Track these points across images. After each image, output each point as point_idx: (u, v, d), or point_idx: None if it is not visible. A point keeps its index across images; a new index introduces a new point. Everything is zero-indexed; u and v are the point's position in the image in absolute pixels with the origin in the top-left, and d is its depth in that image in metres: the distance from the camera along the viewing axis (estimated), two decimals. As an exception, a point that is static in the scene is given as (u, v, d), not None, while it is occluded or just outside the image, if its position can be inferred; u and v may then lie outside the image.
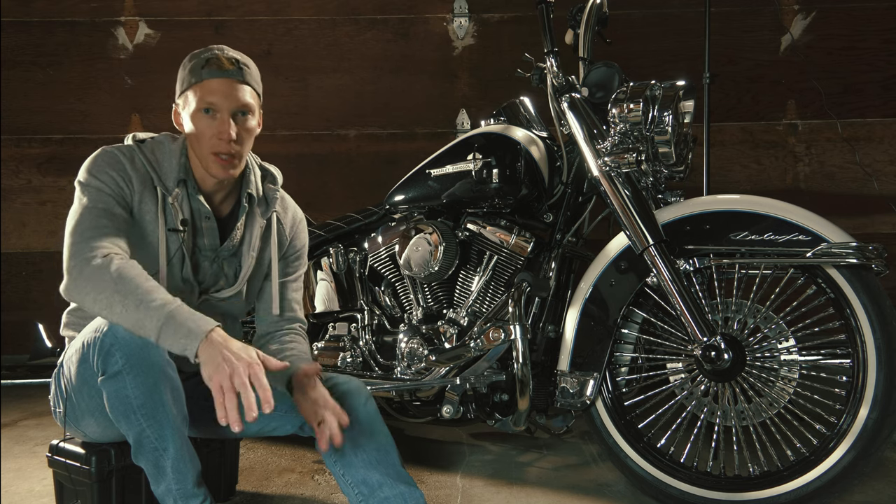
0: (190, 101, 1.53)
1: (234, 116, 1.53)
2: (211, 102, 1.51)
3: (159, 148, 1.59)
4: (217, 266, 1.64)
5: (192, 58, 1.55)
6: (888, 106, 3.50)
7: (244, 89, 1.54)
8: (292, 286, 1.78)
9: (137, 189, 1.52)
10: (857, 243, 1.58)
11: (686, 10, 3.49)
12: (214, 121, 1.52)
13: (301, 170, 3.60)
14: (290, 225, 1.77)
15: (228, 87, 1.52)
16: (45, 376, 1.62)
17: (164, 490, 1.40)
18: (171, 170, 1.56)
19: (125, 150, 1.54)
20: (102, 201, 1.47)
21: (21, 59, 3.62)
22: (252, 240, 1.65)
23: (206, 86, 1.51)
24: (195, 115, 1.52)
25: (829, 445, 1.62)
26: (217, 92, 1.51)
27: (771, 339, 1.72)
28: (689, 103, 1.90)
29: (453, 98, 3.64)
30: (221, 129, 1.51)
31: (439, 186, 2.10)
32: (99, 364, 1.37)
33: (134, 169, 1.52)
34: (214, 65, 1.51)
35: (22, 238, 3.66)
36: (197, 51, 1.56)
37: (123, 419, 1.38)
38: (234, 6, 3.63)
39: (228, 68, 1.52)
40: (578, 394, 1.83)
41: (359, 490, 1.53)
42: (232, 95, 1.52)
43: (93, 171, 1.49)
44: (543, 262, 1.99)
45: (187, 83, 1.53)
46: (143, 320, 1.32)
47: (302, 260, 1.81)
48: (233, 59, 1.54)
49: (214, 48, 1.55)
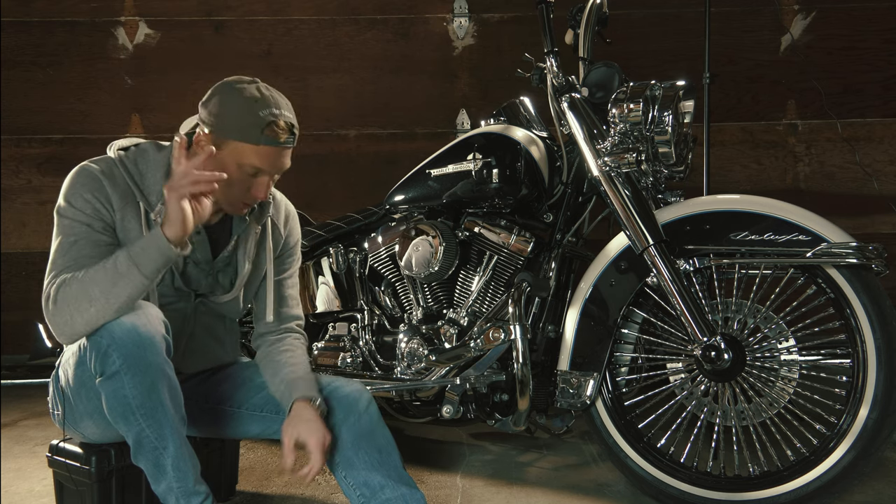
0: (234, 152, 1.47)
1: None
2: (260, 169, 1.49)
3: (143, 158, 1.54)
4: (213, 277, 1.62)
5: (244, 106, 1.45)
6: (888, 106, 3.50)
7: (290, 154, 1.54)
8: (288, 283, 1.77)
9: (118, 207, 1.48)
10: (857, 243, 1.58)
11: (686, 10, 3.49)
12: (255, 178, 1.51)
13: (301, 170, 3.56)
14: (284, 223, 1.75)
15: (280, 157, 1.51)
16: (45, 376, 1.62)
17: (164, 488, 1.41)
18: (156, 183, 1.51)
19: (104, 166, 1.50)
20: (75, 233, 1.44)
21: (21, 59, 3.62)
22: (248, 248, 1.64)
23: (261, 152, 1.47)
24: (236, 169, 1.48)
25: (829, 445, 1.62)
26: (269, 160, 1.49)
27: (771, 339, 1.72)
28: (689, 103, 1.90)
29: (453, 98, 3.64)
30: (259, 190, 1.52)
31: (439, 186, 2.10)
32: (96, 365, 1.37)
33: (114, 186, 1.48)
34: (273, 132, 1.46)
35: (22, 238, 3.66)
36: (248, 93, 1.46)
37: (122, 420, 1.37)
38: (234, 6, 3.63)
39: (286, 139, 1.49)
40: (578, 394, 1.83)
41: (360, 492, 1.53)
42: (280, 164, 1.52)
43: (68, 197, 1.46)
44: (543, 262, 1.99)
45: (236, 135, 1.46)
46: (116, 273, 1.34)
47: (296, 255, 1.80)
48: (290, 125, 1.50)
49: (270, 105, 1.47)
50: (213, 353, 1.72)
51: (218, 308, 1.66)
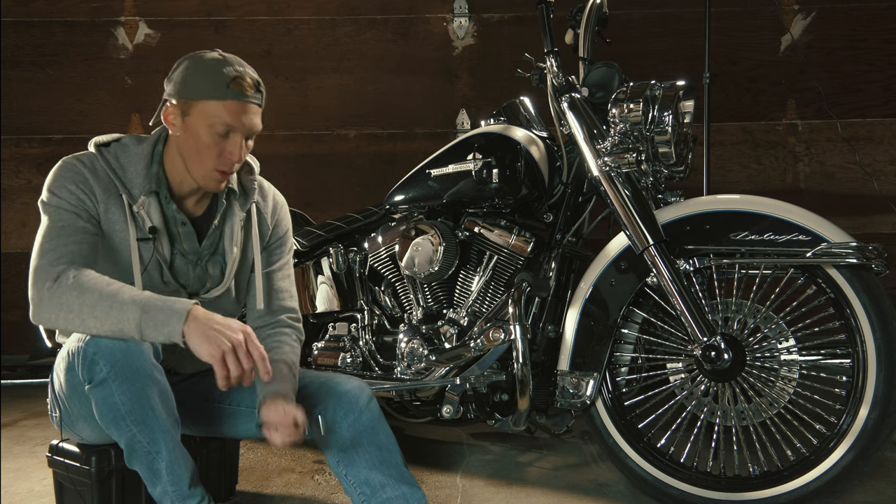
0: (202, 113, 1.47)
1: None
2: (230, 125, 1.47)
3: (124, 153, 1.54)
4: (201, 268, 1.61)
5: (208, 65, 1.47)
6: (888, 106, 3.50)
7: (259, 114, 1.53)
8: (279, 274, 1.73)
9: (101, 199, 1.47)
10: (857, 243, 1.58)
11: (686, 10, 3.49)
12: (226, 140, 1.48)
13: (301, 170, 3.60)
14: (272, 212, 1.72)
15: (249, 112, 1.49)
16: (44, 376, 1.62)
17: (160, 492, 1.40)
18: (137, 176, 1.51)
19: (86, 160, 1.50)
20: (62, 219, 1.43)
21: (21, 59, 3.62)
22: (233, 234, 1.62)
23: (229, 107, 1.46)
24: (206, 131, 1.47)
25: (829, 445, 1.62)
26: (238, 116, 1.47)
27: (771, 339, 1.72)
28: (689, 103, 1.90)
29: (453, 98, 3.64)
30: (232, 151, 1.49)
31: (439, 186, 2.10)
32: (84, 373, 1.36)
33: (96, 178, 1.48)
34: (239, 86, 1.46)
35: (22, 238, 3.66)
36: (210, 56, 1.48)
37: (113, 426, 1.37)
38: (234, 6, 3.63)
39: (252, 94, 1.49)
40: (578, 394, 1.83)
41: (361, 490, 1.52)
42: (250, 121, 1.50)
43: (52, 189, 1.46)
44: (543, 262, 1.99)
45: (203, 94, 1.46)
46: (119, 323, 1.31)
47: (287, 244, 1.76)
48: (255, 82, 1.50)
49: (234, 63, 1.48)
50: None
51: (212, 306, 1.65)
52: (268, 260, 1.71)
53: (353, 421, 1.54)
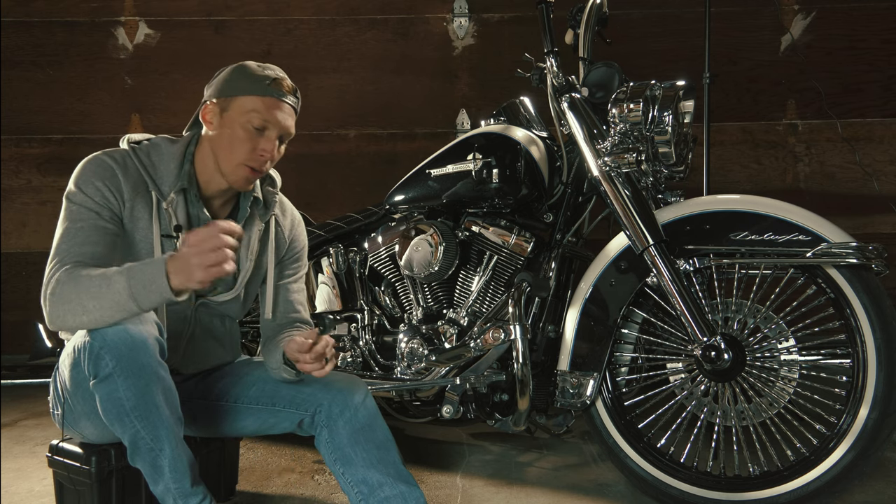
0: (240, 108, 1.51)
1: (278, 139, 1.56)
2: (268, 121, 1.52)
3: (156, 151, 1.57)
4: None
5: (250, 68, 1.54)
6: (888, 106, 3.50)
7: (294, 118, 1.58)
8: (293, 287, 1.76)
9: (128, 197, 1.49)
10: (857, 243, 1.58)
11: (686, 10, 3.49)
12: (261, 137, 1.53)
13: (301, 170, 3.60)
14: (290, 228, 1.76)
15: (286, 113, 1.56)
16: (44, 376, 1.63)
17: (162, 490, 1.41)
18: (169, 174, 1.54)
19: (117, 156, 1.52)
20: (82, 218, 1.44)
21: (21, 59, 3.63)
22: (250, 243, 1.65)
23: (269, 103, 1.52)
24: (243, 125, 1.51)
25: (829, 445, 1.62)
26: (274, 112, 1.52)
27: (771, 339, 1.72)
28: (689, 103, 1.90)
29: (453, 98, 3.64)
30: (266, 147, 1.53)
31: (439, 186, 2.10)
32: (90, 368, 1.37)
33: (126, 175, 1.50)
34: (278, 86, 1.53)
35: (22, 238, 3.66)
36: (252, 62, 1.56)
37: (117, 422, 1.37)
38: (234, 6, 3.63)
39: (290, 96, 1.56)
40: (578, 394, 1.83)
41: (358, 489, 1.52)
42: (287, 122, 1.56)
43: (79, 183, 1.47)
44: (543, 262, 1.99)
45: (244, 90, 1.52)
46: (114, 296, 1.31)
47: (302, 261, 1.80)
48: (293, 88, 1.58)
49: (274, 69, 1.57)
50: (213, 354, 1.72)
51: (218, 308, 1.66)
52: (283, 273, 1.74)
53: (349, 418, 1.54)
